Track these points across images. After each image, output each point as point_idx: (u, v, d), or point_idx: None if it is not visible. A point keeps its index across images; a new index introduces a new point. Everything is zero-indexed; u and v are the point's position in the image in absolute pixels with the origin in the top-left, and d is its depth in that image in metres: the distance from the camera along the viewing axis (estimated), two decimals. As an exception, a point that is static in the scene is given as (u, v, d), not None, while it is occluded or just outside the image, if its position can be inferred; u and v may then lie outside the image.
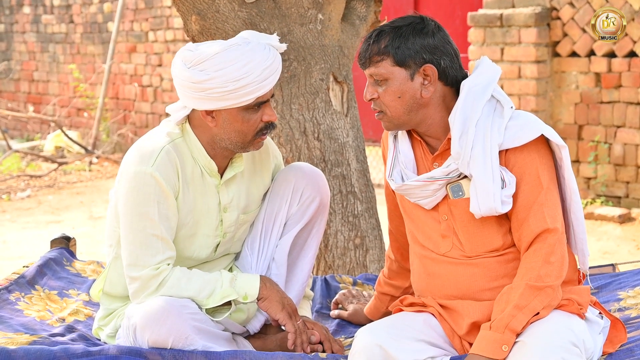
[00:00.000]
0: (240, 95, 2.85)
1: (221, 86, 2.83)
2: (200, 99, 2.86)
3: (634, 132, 7.61)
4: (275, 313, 2.97)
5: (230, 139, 2.94)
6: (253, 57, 2.84)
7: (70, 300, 3.50)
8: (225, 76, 2.82)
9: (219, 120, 2.91)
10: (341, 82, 4.05)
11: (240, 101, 2.86)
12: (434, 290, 2.86)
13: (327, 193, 3.21)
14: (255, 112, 2.91)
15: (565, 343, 2.55)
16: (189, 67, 2.86)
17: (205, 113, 2.91)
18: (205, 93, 2.84)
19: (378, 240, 4.12)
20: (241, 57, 2.83)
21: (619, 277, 3.46)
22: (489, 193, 2.69)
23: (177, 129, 2.98)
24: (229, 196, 3.05)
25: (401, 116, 2.79)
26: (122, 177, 2.94)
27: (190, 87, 2.86)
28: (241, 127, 2.92)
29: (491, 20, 8.10)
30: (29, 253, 7.02)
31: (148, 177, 2.88)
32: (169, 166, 2.91)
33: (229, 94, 2.84)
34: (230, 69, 2.82)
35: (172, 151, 2.92)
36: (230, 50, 2.85)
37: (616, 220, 7.47)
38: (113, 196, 3.03)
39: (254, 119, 2.92)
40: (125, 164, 2.95)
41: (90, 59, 12.46)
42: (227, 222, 3.06)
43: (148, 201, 2.89)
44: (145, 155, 2.90)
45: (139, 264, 2.89)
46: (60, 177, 10.68)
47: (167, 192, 2.90)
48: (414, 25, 2.77)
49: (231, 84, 2.83)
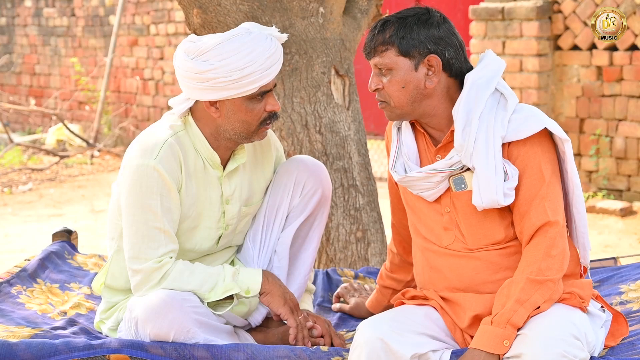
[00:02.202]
0: (244, 84, 2.86)
1: (225, 75, 2.84)
2: (204, 89, 2.87)
3: (635, 126, 7.61)
4: (277, 307, 2.97)
5: (235, 129, 2.94)
6: (256, 46, 2.86)
7: (71, 293, 3.50)
8: (229, 65, 2.83)
9: (223, 111, 2.92)
10: (343, 76, 4.04)
11: (244, 90, 2.87)
12: (437, 283, 2.86)
13: (329, 186, 3.22)
14: (259, 102, 2.92)
15: (566, 336, 2.55)
16: (192, 58, 2.87)
17: (209, 104, 2.92)
18: (209, 83, 2.85)
19: (380, 234, 4.12)
20: (244, 47, 2.85)
21: (621, 271, 3.46)
22: (492, 185, 2.69)
23: (179, 122, 2.99)
24: (231, 188, 3.05)
25: (404, 106, 2.79)
26: (124, 170, 2.94)
27: (193, 77, 2.87)
28: (245, 117, 2.92)
29: (493, 14, 8.09)
30: (31, 246, 7.03)
31: (151, 170, 2.88)
32: (172, 159, 2.91)
33: (233, 83, 2.84)
34: (234, 58, 2.83)
35: (174, 144, 2.93)
36: (233, 40, 2.86)
37: (618, 213, 7.47)
38: (115, 189, 3.03)
39: (258, 109, 2.92)
40: (128, 157, 2.95)
41: (91, 52, 12.45)
42: (229, 214, 3.06)
43: (151, 194, 2.89)
44: (148, 148, 2.91)
45: (141, 256, 2.90)
46: (61, 170, 10.68)
47: (170, 185, 2.90)
48: (419, 16, 2.77)
49: (235, 73, 2.84)
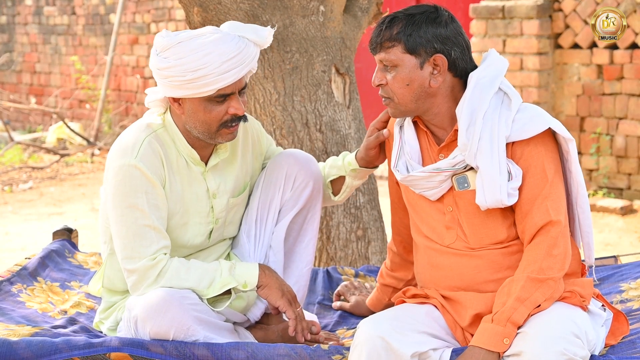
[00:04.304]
0: (198, 85, 2.84)
1: (179, 75, 2.83)
2: (165, 85, 2.89)
3: (635, 124, 7.61)
4: (275, 300, 2.97)
5: (197, 128, 2.93)
6: (214, 49, 2.83)
7: (72, 292, 3.50)
8: (183, 65, 2.82)
9: (185, 108, 2.92)
10: (343, 74, 4.04)
11: (200, 91, 2.85)
12: (438, 282, 2.86)
13: (320, 178, 3.21)
14: (220, 104, 2.90)
15: (567, 334, 2.55)
16: (157, 53, 2.89)
17: (173, 100, 2.92)
18: (167, 80, 2.86)
19: (380, 232, 4.12)
20: (201, 48, 2.82)
21: (621, 269, 3.46)
22: (496, 185, 2.69)
23: (158, 120, 2.99)
24: (216, 182, 3.05)
25: (408, 104, 2.79)
26: (107, 172, 2.94)
27: (156, 73, 2.90)
28: (204, 117, 2.91)
29: (493, 12, 8.08)
30: (31, 245, 7.03)
31: (132, 168, 2.88)
32: (153, 156, 2.91)
33: (187, 83, 2.84)
34: (189, 58, 2.82)
35: (154, 141, 2.93)
36: (193, 40, 2.84)
37: (618, 212, 7.47)
38: (103, 193, 3.02)
39: (218, 111, 2.90)
40: (109, 159, 2.95)
41: (92, 51, 12.44)
42: (217, 208, 3.06)
43: (136, 192, 2.88)
44: (128, 148, 2.91)
45: (134, 256, 2.89)
46: (62, 168, 10.67)
47: (154, 181, 2.90)
48: (427, 14, 2.77)
49: (189, 74, 2.82)
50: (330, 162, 3.24)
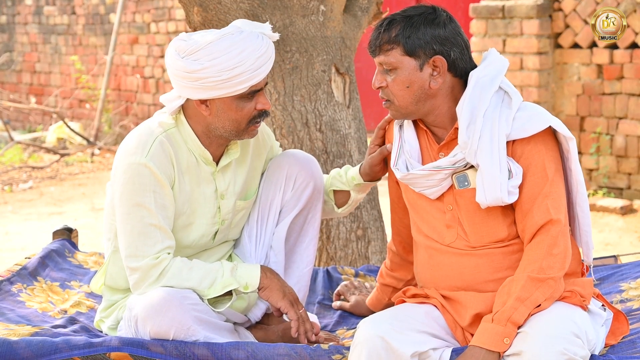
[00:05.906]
0: (234, 84, 2.85)
1: (215, 75, 2.83)
2: (194, 88, 2.87)
3: (635, 124, 7.61)
4: (277, 301, 2.97)
5: (225, 127, 2.94)
6: (246, 46, 2.84)
7: (72, 291, 3.50)
8: (219, 65, 2.82)
9: (213, 109, 2.92)
10: (343, 74, 4.04)
11: (235, 90, 2.86)
12: (438, 281, 2.86)
13: (321, 178, 3.21)
14: (249, 101, 2.91)
15: (567, 334, 2.55)
16: (183, 56, 2.86)
17: (200, 102, 2.92)
18: (199, 82, 2.85)
19: (380, 232, 4.12)
20: (234, 46, 2.83)
21: (621, 269, 3.47)
22: (496, 183, 2.69)
23: (170, 120, 2.98)
24: (225, 183, 3.05)
25: (409, 106, 2.79)
26: (116, 169, 2.94)
27: (184, 76, 2.86)
28: (235, 116, 2.92)
29: (493, 12, 8.08)
30: (31, 244, 7.02)
31: (142, 167, 2.88)
32: (163, 156, 2.91)
33: (222, 82, 2.84)
34: (224, 57, 2.82)
35: (165, 141, 2.93)
36: (223, 39, 2.85)
37: (618, 211, 7.47)
38: (109, 189, 3.03)
39: (248, 107, 2.92)
40: (118, 156, 2.95)
41: (92, 51, 12.45)
42: (224, 209, 3.06)
43: (144, 191, 2.89)
44: (139, 146, 2.91)
45: (138, 254, 2.89)
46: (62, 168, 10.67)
47: (163, 181, 2.90)
48: (425, 15, 2.77)
49: (225, 73, 2.83)
50: (334, 174, 3.25)
